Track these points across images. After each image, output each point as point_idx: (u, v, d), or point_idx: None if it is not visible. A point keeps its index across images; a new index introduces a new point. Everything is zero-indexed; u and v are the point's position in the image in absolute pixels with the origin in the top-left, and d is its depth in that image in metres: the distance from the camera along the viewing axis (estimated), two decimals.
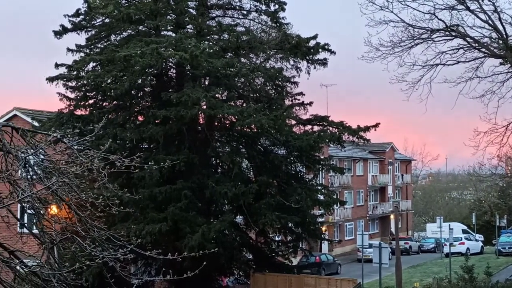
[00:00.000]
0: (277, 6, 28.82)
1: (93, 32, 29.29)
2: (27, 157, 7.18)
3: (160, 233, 24.26)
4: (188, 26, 28.98)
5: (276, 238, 32.19)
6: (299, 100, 30.57)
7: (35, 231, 8.62)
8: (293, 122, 29.82)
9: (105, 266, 8.05)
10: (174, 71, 29.50)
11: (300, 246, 32.37)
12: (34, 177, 7.25)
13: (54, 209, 8.79)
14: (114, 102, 29.01)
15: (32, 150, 7.26)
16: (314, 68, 29.55)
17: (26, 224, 7.73)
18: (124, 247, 7.75)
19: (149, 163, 21.52)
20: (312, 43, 28.85)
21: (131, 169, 8.36)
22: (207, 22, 29.00)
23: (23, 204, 7.18)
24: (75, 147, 8.87)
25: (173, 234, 25.52)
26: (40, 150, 7.36)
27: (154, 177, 24.50)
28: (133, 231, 21.27)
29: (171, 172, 24.41)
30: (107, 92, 27.41)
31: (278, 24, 28.91)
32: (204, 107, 26.51)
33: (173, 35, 27.71)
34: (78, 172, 7.08)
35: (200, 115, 27.43)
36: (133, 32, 28.50)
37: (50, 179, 7.49)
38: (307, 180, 30.55)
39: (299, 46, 28.53)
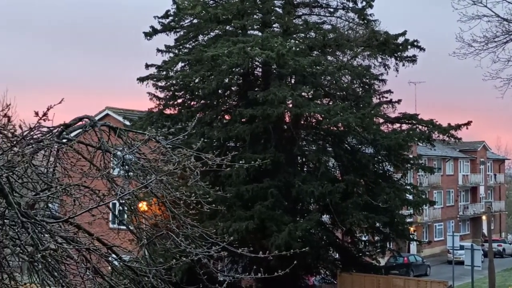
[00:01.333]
0: (364, 3, 28.43)
1: (182, 33, 29.85)
2: (124, 156, 7.38)
3: (247, 231, 24.43)
4: (274, 25, 29.05)
5: (363, 238, 31.77)
6: (387, 98, 30.06)
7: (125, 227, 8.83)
8: (381, 120, 29.32)
9: (197, 263, 8.15)
10: (261, 70, 29.65)
11: (388, 246, 31.82)
12: (131, 174, 7.43)
13: (144, 206, 9.01)
14: (201, 101, 29.46)
15: (129, 149, 7.45)
16: (403, 65, 28.98)
17: (124, 221, 7.94)
18: (216, 244, 7.82)
19: (236, 162, 21.69)
20: (400, 39, 28.28)
21: (222, 168, 8.43)
22: (294, 21, 28.96)
23: (121, 201, 7.38)
24: (167, 145, 9.03)
25: (259, 232, 25.65)
26: (136, 148, 7.54)
27: (241, 176, 24.72)
28: (221, 229, 21.53)
29: (257, 170, 24.52)
30: (195, 91, 27.95)
31: (365, 21, 28.50)
32: (290, 105, 26.54)
33: (260, 34, 27.84)
34: (176, 171, 7.19)
35: (286, 113, 27.46)
36: (220, 32, 28.84)
37: (146, 177, 7.67)
38: (396, 179, 29.97)
39: (387, 43, 28.02)
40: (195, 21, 29.12)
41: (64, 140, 7.77)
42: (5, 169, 5.04)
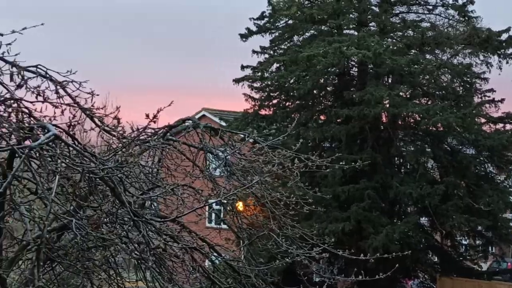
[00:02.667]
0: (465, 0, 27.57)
1: (277, 34, 29.99)
2: (227, 156, 7.50)
3: (343, 233, 24.25)
4: (370, 24, 28.67)
5: (464, 242, 30.74)
6: (489, 97, 28.88)
7: (223, 226, 8.96)
8: (483, 120, 28.27)
9: (297, 264, 8.17)
10: (356, 69, 29.35)
11: (491, 250, 30.64)
12: (234, 175, 7.54)
13: (240, 206, 9.12)
14: (296, 102, 29.49)
15: (231, 150, 7.56)
16: (507, 62, 27.78)
17: (225, 221, 8.07)
18: (317, 245, 7.81)
19: (333, 162, 21.57)
20: (504, 36, 27.17)
21: (323, 169, 8.41)
22: (391, 19, 28.45)
23: (223, 202, 7.50)
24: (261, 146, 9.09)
25: (356, 234, 25.39)
26: (237, 149, 7.64)
27: (337, 176, 24.55)
28: (316, 230, 21.47)
29: (354, 171, 24.28)
30: (290, 92, 28.05)
31: (466, 18, 27.59)
32: (387, 105, 26.12)
33: (356, 33, 27.56)
34: (279, 172, 7.24)
35: (383, 113, 27.05)
36: (315, 32, 28.80)
37: (246, 177, 7.76)
38: (498, 181, 28.82)
39: (490, 40, 26.96)
40: (290, 21, 29.19)
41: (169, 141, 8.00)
42: (116, 169, 5.24)
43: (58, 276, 7.41)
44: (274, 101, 29.70)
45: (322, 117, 29.29)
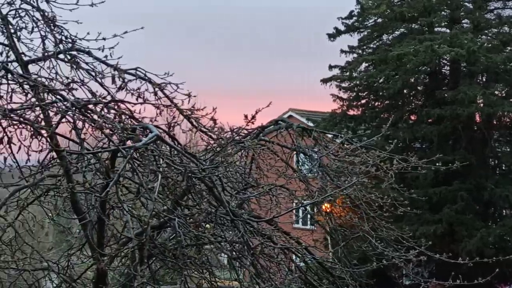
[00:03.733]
0: None
1: (365, 33, 29.61)
2: (320, 157, 7.47)
3: (434, 235, 23.65)
4: (463, 21, 27.83)
5: None
6: None
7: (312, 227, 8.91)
8: None
9: (392, 267, 8.04)
10: (448, 68, 28.57)
11: None
12: (328, 176, 7.51)
13: (328, 207, 9.05)
14: (386, 102, 29.03)
15: (324, 150, 7.53)
16: None
17: (319, 222, 8.05)
18: (413, 248, 7.66)
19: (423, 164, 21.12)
20: None
21: (419, 170, 8.23)
22: (485, 16, 27.51)
23: (318, 202, 7.48)
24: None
25: (447, 237, 24.71)
26: (331, 150, 7.60)
27: (429, 178, 23.95)
28: (407, 232, 21.07)
29: (446, 172, 23.64)
30: (379, 91, 27.65)
31: None
32: (482, 105, 25.30)
33: (448, 31, 26.84)
34: (374, 172, 7.15)
35: (477, 113, 26.20)
36: (405, 31, 28.25)
37: (340, 178, 7.71)
38: None
39: None
40: (379, 20, 28.76)
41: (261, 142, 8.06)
42: (213, 169, 5.32)
43: (155, 272, 7.63)
44: (363, 101, 29.34)
45: (412, 117, 28.70)
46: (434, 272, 27.05)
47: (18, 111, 5.41)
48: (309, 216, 8.82)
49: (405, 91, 28.02)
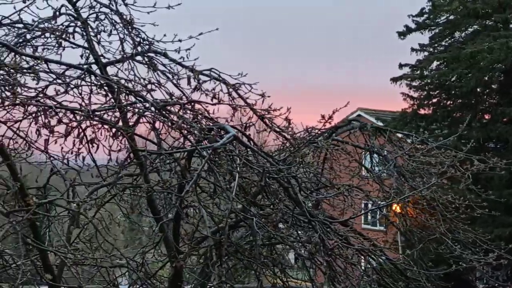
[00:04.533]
0: None
1: (437, 31, 28.98)
2: (396, 157, 7.35)
3: (510, 238, 22.89)
4: None
5: None
6: None
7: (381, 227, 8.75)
8: None
9: (469, 269, 7.83)
10: None
11: None
12: (403, 177, 7.38)
13: (397, 208, 8.87)
14: (458, 101, 28.31)
15: (399, 151, 7.41)
16: None
17: (394, 223, 7.94)
18: (491, 251, 7.43)
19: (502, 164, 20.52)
20: None
21: (497, 170, 7.99)
22: None
23: (395, 204, 7.37)
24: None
25: None
26: (407, 150, 7.47)
27: (504, 179, 23.20)
28: (482, 235, 20.51)
29: None
30: (451, 90, 27.00)
31: None
32: None
33: None
34: (452, 173, 6.99)
35: None
36: (479, 28, 27.47)
37: (415, 179, 7.56)
38: None
39: None
40: (451, 17, 28.09)
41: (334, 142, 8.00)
42: (290, 170, 5.32)
43: (228, 270, 7.69)
44: (434, 100, 28.69)
45: (486, 117, 27.89)
46: (510, 275, 26.25)
47: (99, 112, 5.56)
48: (378, 216, 8.68)
49: (478, 89, 27.20)
